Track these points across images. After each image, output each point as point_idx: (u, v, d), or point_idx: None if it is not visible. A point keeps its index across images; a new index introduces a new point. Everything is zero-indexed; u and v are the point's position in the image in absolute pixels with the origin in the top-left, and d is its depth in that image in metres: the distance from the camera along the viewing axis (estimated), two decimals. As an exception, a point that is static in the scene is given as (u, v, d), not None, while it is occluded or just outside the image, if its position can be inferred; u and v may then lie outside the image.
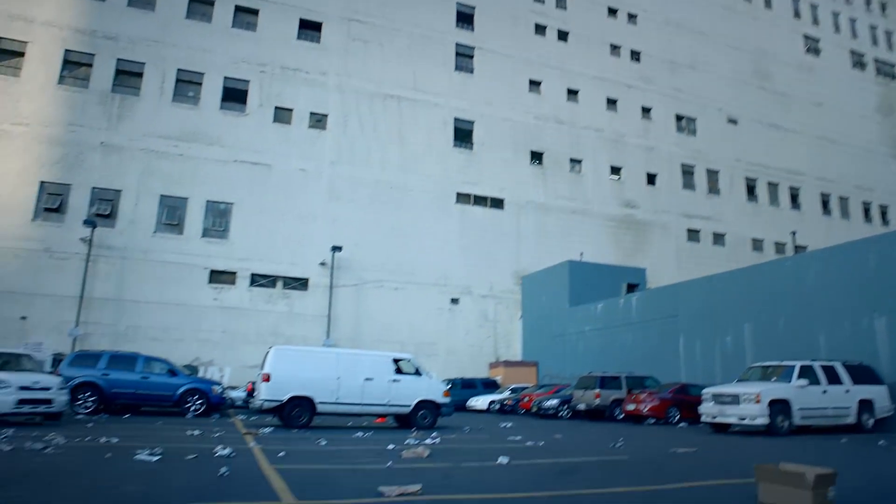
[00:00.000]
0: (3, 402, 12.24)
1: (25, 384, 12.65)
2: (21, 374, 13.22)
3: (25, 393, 12.55)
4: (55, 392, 13.16)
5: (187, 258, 30.09)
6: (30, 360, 15.00)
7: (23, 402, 12.50)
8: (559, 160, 39.09)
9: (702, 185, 42.42)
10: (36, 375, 13.37)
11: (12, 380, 12.57)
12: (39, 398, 12.78)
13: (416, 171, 35.35)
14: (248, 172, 32.09)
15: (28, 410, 12.79)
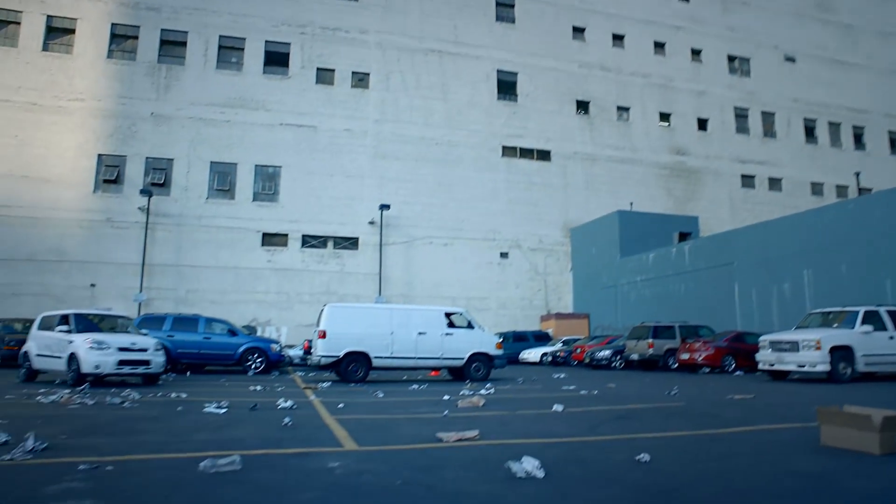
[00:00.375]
0: (104, 362, 12.13)
1: (124, 345, 12.55)
2: (119, 335, 13.19)
3: (124, 354, 12.44)
4: (152, 353, 12.93)
5: (240, 222, 30.89)
6: (126, 321, 14.84)
7: (122, 364, 12.34)
8: (606, 108, 38.06)
9: (756, 129, 40.70)
10: (133, 336, 13.21)
11: (111, 341, 12.51)
12: (138, 359, 12.60)
13: (461, 126, 35.04)
14: (294, 135, 32.44)
15: (128, 371, 12.60)
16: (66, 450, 5.32)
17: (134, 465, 4.71)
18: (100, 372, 12.14)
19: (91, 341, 12.28)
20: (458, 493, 3.86)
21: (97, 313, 15.17)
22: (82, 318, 13.81)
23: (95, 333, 12.87)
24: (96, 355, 12.15)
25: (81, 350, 12.17)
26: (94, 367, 12.06)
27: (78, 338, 12.50)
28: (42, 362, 13.68)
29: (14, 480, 4.18)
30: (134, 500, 3.64)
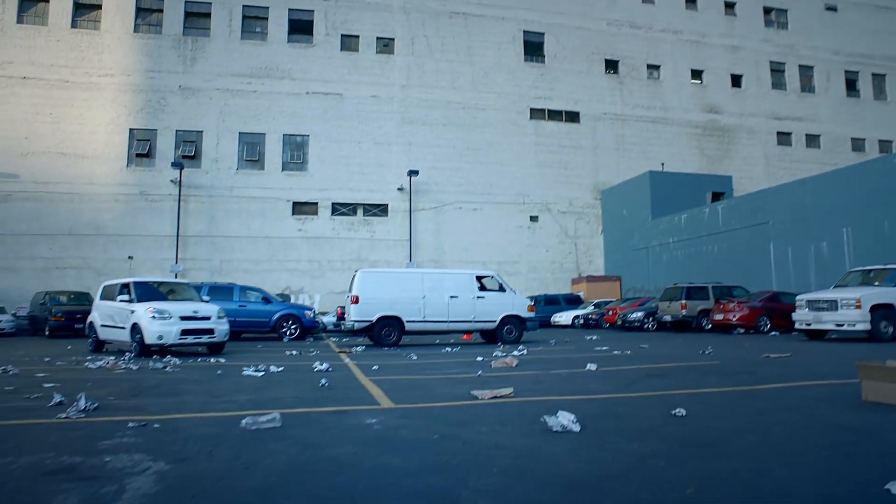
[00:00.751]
0: (167, 332, 11.55)
1: (186, 314, 11.97)
2: (181, 303, 12.64)
3: (187, 323, 11.87)
4: (215, 321, 12.38)
5: (270, 192, 31.19)
6: (187, 288, 14.26)
7: (186, 333, 11.78)
8: (635, 67, 37.10)
9: (794, 84, 39.31)
10: (195, 304, 12.66)
11: (173, 309, 11.91)
12: (201, 328, 12.06)
13: (488, 89, 34.57)
14: (320, 103, 32.41)
15: (192, 341, 12.06)
16: (114, 409, 5.53)
17: (179, 423, 4.88)
18: (163, 342, 11.58)
19: (153, 310, 11.66)
20: (494, 447, 3.92)
21: (159, 281, 14.43)
22: (143, 286, 13.23)
23: (157, 302, 12.25)
24: (158, 325, 11.54)
25: (143, 320, 11.62)
26: (156, 337, 11.48)
27: (139, 307, 11.93)
28: (107, 333, 13.33)
29: (71, 436, 4.37)
30: (181, 454, 3.78)
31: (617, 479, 3.19)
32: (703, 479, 3.15)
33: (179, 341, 11.83)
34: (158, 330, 11.53)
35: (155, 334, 11.52)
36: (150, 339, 11.55)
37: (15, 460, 3.67)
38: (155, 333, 11.52)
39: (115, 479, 3.26)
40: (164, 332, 11.56)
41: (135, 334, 11.90)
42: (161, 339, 11.57)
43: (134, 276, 28.86)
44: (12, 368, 9.05)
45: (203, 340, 12.30)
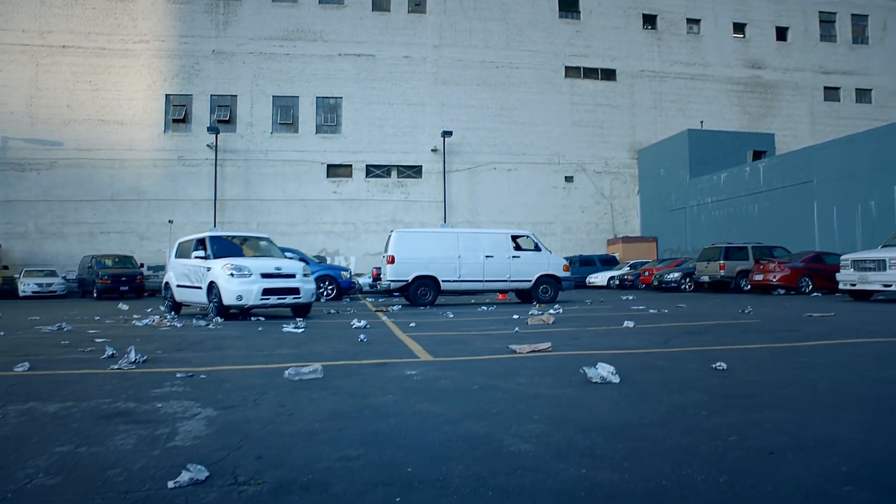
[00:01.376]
0: (246, 292, 10.45)
1: (268, 271, 10.88)
2: (262, 259, 11.56)
3: (269, 282, 10.76)
4: (301, 279, 11.15)
5: (304, 155, 31.38)
6: (269, 243, 13.04)
7: (268, 293, 10.65)
8: (674, 22, 35.81)
9: (845, 35, 37.49)
10: (277, 260, 11.59)
11: (253, 266, 10.85)
12: (285, 287, 10.91)
13: (522, 48, 33.86)
14: (353, 65, 32.22)
15: (275, 302, 10.89)
16: (162, 362, 5.74)
17: (224, 374, 5.04)
18: (243, 303, 10.54)
19: (230, 267, 10.61)
20: (534, 396, 3.95)
21: (239, 235, 13.20)
22: (221, 241, 12.09)
23: (235, 258, 11.24)
24: (237, 284, 10.45)
25: (220, 278, 10.58)
26: (235, 297, 10.44)
27: (216, 264, 10.92)
28: (183, 294, 12.38)
29: (124, 385, 4.56)
30: (227, 402, 3.91)
31: (658, 426, 3.19)
32: (745, 428, 3.13)
33: (261, 302, 10.67)
34: (237, 289, 10.45)
35: (233, 294, 10.45)
36: (228, 300, 10.50)
37: (76, 404, 3.85)
38: (233, 293, 10.45)
39: (167, 422, 3.39)
40: (244, 292, 10.44)
41: (212, 295, 10.94)
42: (241, 300, 10.47)
43: (176, 239, 29.66)
44: (66, 325, 9.44)
45: (287, 301, 10.97)
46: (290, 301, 11.08)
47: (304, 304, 11.25)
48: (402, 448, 2.85)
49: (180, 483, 2.38)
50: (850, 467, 2.51)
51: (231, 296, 10.56)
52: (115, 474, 2.52)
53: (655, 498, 2.21)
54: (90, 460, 2.71)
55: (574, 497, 2.22)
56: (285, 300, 10.99)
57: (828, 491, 2.27)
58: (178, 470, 2.52)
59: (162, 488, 2.35)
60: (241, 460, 2.70)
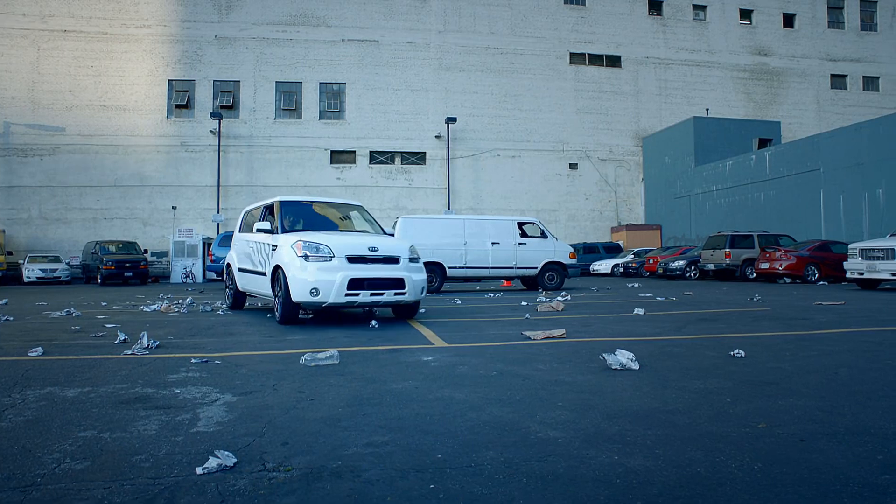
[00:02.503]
0: (326, 283, 7.16)
1: (357, 253, 7.50)
2: (349, 235, 8.14)
3: (360, 269, 7.40)
4: (406, 266, 7.72)
5: (308, 141, 31.25)
6: (362, 213, 9.22)
7: (356, 285, 7.31)
8: (680, 8, 35.47)
9: (853, 22, 37.14)
10: (373, 237, 8.01)
11: (336, 245, 7.46)
12: (383, 277, 7.48)
13: (527, 34, 33.59)
14: (356, 50, 32.00)
15: (368, 300, 7.46)
16: (175, 347, 5.72)
17: (239, 360, 5.01)
18: (319, 300, 7.23)
19: (303, 245, 7.42)
20: (555, 382, 3.93)
21: (321, 200, 9.41)
22: (295, 208, 8.79)
23: (312, 233, 7.98)
24: (313, 271, 7.21)
25: (289, 262, 7.43)
26: (309, 291, 7.16)
27: (284, 241, 7.75)
28: (246, 281, 9.32)
29: (140, 370, 4.54)
30: (246, 388, 3.88)
31: (685, 413, 3.16)
32: (772, 415, 3.10)
33: (347, 300, 7.31)
34: (312, 279, 7.17)
35: (306, 286, 7.17)
36: (298, 295, 7.24)
37: (93, 389, 3.83)
38: (306, 284, 7.17)
39: (187, 408, 3.37)
40: (321, 283, 7.15)
41: (277, 285, 7.84)
42: (316, 295, 7.18)
43: (180, 224, 29.73)
44: (75, 311, 9.42)
45: (386, 299, 7.54)
46: (391, 299, 7.53)
47: (409, 302, 7.83)
48: (429, 434, 2.82)
49: (209, 469, 2.35)
50: (885, 456, 2.48)
51: (303, 288, 7.16)
52: (141, 460, 2.49)
53: (692, 485, 2.18)
54: (115, 445, 2.68)
55: (609, 484, 2.19)
56: (382, 297, 7.47)
57: (866, 479, 2.23)
58: (205, 456, 2.50)
59: (191, 475, 2.32)
60: (267, 447, 2.67)
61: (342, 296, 7.18)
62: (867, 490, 2.14)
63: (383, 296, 7.42)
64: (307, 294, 7.13)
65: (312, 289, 7.10)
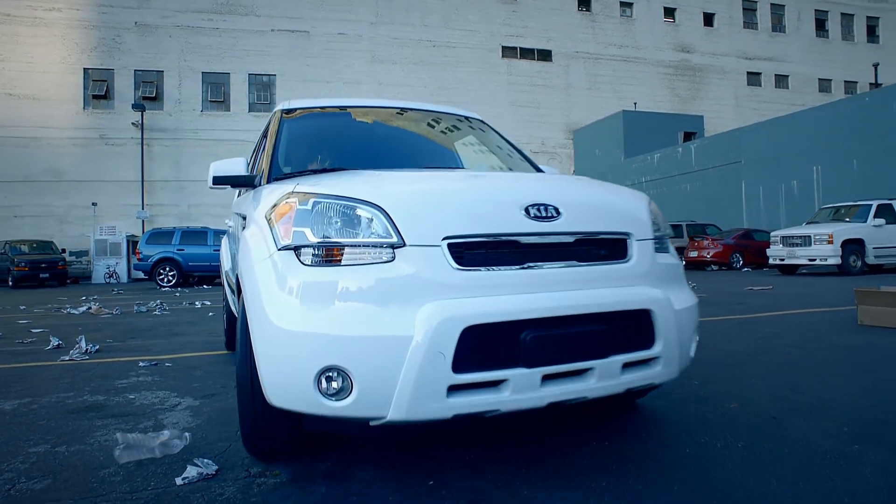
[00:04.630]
0: (376, 353, 1.76)
1: (490, 228, 1.95)
2: (452, 175, 2.57)
3: (497, 286, 1.89)
4: (647, 265, 2.22)
5: (238, 134, 30.21)
6: (481, 134, 3.76)
7: (492, 358, 1.83)
8: (609, 5, 36.43)
9: (765, 23, 39.19)
10: (527, 180, 2.43)
11: (415, 207, 1.97)
12: (588, 315, 1.95)
13: (459, 27, 33.65)
14: (287, 41, 31.16)
15: (528, 399, 1.87)
16: (117, 351, 5.39)
17: (191, 361, 4.77)
18: (358, 415, 1.82)
19: (297, 212, 2.02)
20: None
21: (375, 106, 3.70)
22: (314, 121, 3.47)
23: (331, 176, 2.47)
24: (322, 306, 1.84)
25: (256, 272, 2.06)
26: (309, 380, 1.79)
27: (258, 204, 2.47)
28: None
29: (84, 377, 4.24)
30: (205, 391, 3.69)
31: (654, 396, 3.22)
32: (741, 396, 3.21)
33: (455, 408, 1.81)
34: (321, 332, 1.80)
35: (301, 362, 1.81)
36: (278, 391, 1.90)
37: (35, 400, 3.54)
38: (301, 357, 1.81)
39: (147, 415, 3.16)
40: (359, 355, 1.78)
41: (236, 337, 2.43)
42: (341, 395, 1.80)
43: (101, 222, 28.13)
44: (-8, 315, 8.76)
45: (589, 389, 1.97)
46: (610, 385, 2.02)
47: (654, 386, 2.27)
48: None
49: (189, 479, 2.21)
50: (850, 428, 2.62)
51: (292, 369, 1.84)
52: (109, 474, 2.31)
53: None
54: (76, 460, 2.48)
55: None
56: (582, 383, 1.97)
57: (839, 450, 2.35)
58: (182, 465, 2.34)
59: (170, 486, 2.17)
60: (245, 451, 2.53)
61: (441, 393, 1.79)
62: (843, 460, 2.25)
63: (585, 379, 1.98)
64: (308, 388, 1.82)
65: (326, 372, 1.80)
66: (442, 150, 3.59)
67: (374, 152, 3.30)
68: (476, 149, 3.65)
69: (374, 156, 3.20)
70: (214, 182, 3.08)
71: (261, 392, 2.03)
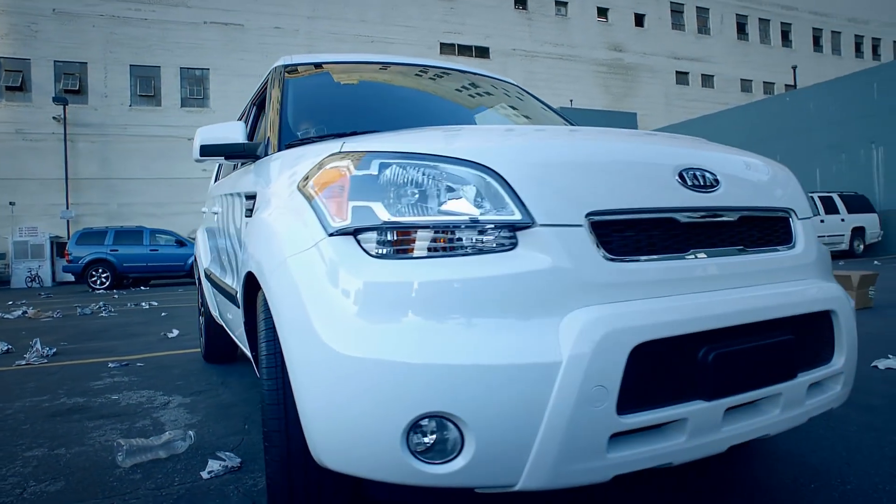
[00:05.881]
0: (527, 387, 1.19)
1: (654, 199, 1.43)
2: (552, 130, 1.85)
3: (661, 284, 1.36)
4: (815, 254, 1.72)
5: (169, 130, 29.07)
6: (515, 98, 3.22)
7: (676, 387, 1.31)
8: (544, 3, 37.14)
9: (691, 25, 40.89)
10: (662, 140, 1.78)
11: (538, 168, 1.40)
12: (766, 322, 1.44)
13: (398, 23, 33.53)
14: (220, 34, 30.21)
15: (707, 444, 1.37)
16: (77, 353, 5.15)
17: (163, 360, 4.62)
18: (471, 480, 1.24)
19: (352, 177, 1.42)
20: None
21: (393, 62, 3.12)
22: (321, 80, 2.80)
23: (398, 134, 1.74)
24: (421, 318, 1.24)
25: (291, 272, 1.44)
26: (396, 436, 1.20)
27: (278, 175, 1.92)
28: (218, 303, 3.30)
29: (52, 380, 4.04)
30: (192, 388, 3.59)
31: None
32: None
33: (615, 463, 1.26)
34: (420, 362, 1.20)
35: (377, 410, 1.22)
36: (329, 449, 1.31)
37: (7, 406, 3.36)
38: (378, 401, 1.21)
39: (140, 414, 3.07)
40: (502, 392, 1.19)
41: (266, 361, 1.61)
42: (447, 454, 1.22)
43: (20, 222, 26.43)
44: (-82, 321, 8.16)
45: (768, 424, 1.46)
46: (791, 417, 1.52)
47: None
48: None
49: (216, 472, 2.17)
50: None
51: (342, 423, 1.28)
52: (126, 472, 2.25)
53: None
54: (83, 461, 2.39)
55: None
56: (764, 417, 1.46)
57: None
58: (200, 460, 2.30)
59: (197, 480, 2.13)
60: (261, 443, 2.50)
61: (601, 447, 1.24)
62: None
63: (769, 409, 1.48)
64: (392, 447, 1.21)
65: (420, 421, 1.21)
66: (490, 116, 2.97)
67: (405, 115, 2.63)
68: (518, 115, 3.04)
69: (405, 119, 2.49)
70: (202, 153, 2.36)
71: (303, 446, 1.43)
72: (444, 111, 2.89)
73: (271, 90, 2.65)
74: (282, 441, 1.49)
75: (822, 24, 44.86)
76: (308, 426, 1.34)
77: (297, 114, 2.43)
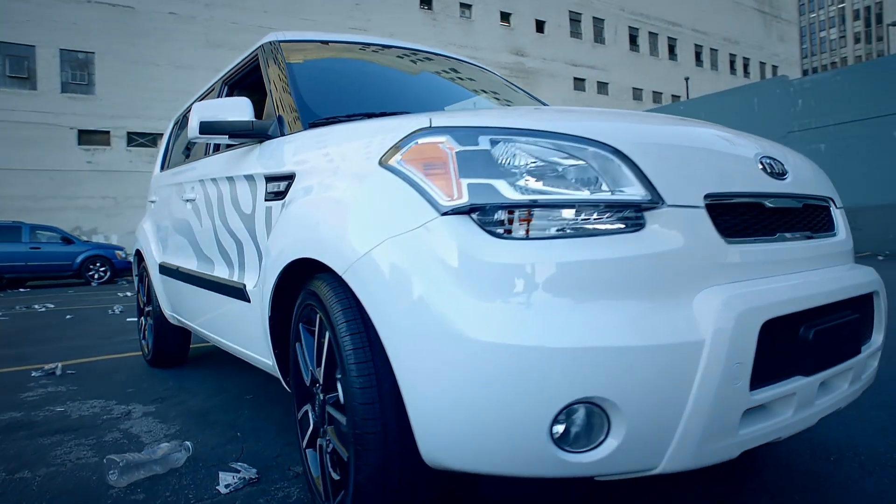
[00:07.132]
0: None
1: (754, 185, 1.55)
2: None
3: (766, 263, 1.45)
4: (851, 244, 1.91)
5: (48, 117, 26.61)
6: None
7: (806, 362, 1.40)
8: (449, 4, 37.47)
9: (588, 34, 42.75)
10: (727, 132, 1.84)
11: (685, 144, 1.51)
12: (837, 302, 1.56)
13: (300, 16, 32.57)
14: (107, 15, 28.00)
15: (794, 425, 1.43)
16: (-16, 361, 4.55)
17: (96, 367, 4.17)
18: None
19: (493, 152, 1.34)
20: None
21: (391, 45, 3.33)
22: (323, 65, 2.75)
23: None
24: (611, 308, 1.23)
25: (410, 253, 1.34)
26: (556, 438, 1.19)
27: (341, 150, 1.76)
28: (181, 300, 3.30)
29: (-32, 392, 3.53)
30: (150, 395, 3.26)
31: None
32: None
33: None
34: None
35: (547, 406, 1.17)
36: (461, 450, 1.25)
37: (-67, 421, 2.89)
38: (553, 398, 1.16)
39: (102, 426, 2.74)
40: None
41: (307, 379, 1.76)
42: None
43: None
44: None
45: (831, 403, 1.54)
46: (846, 395, 1.61)
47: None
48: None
49: (234, 486, 1.97)
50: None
51: (476, 416, 1.21)
52: (124, 492, 1.98)
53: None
54: (60, 483, 2.09)
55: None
56: (834, 395, 1.54)
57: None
58: (206, 473, 2.07)
59: (215, 496, 1.92)
60: (266, 450, 2.30)
61: (735, 424, 1.26)
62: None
63: (843, 382, 1.58)
64: (539, 438, 1.18)
65: (567, 409, 1.18)
66: (483, 102, 3.04)
67: (415, 96, 2.75)
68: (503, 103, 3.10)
69: (416, 101, 2.62)
70: (202, 130, 2.18)
71: (400, 448, 1.37)
72: (451, 93, 3.00)
73: (267, 68, 2.55)
74: (377, 444, 1.37)
75: (702, 42, 48.36)
76: (424, 424, 1.27)
77: (311, 93, 2.31)
